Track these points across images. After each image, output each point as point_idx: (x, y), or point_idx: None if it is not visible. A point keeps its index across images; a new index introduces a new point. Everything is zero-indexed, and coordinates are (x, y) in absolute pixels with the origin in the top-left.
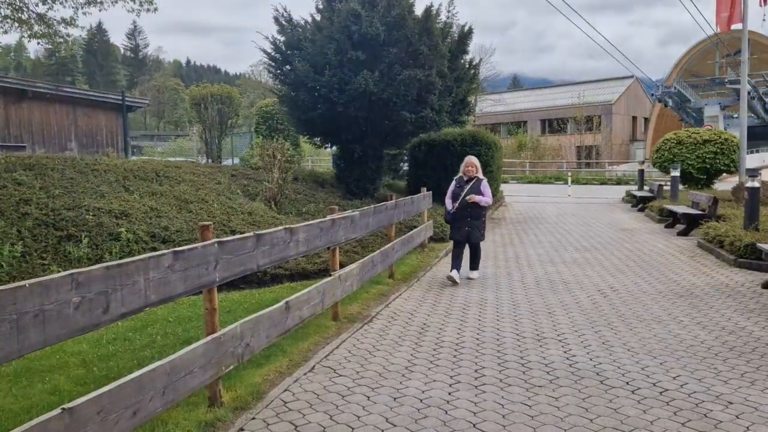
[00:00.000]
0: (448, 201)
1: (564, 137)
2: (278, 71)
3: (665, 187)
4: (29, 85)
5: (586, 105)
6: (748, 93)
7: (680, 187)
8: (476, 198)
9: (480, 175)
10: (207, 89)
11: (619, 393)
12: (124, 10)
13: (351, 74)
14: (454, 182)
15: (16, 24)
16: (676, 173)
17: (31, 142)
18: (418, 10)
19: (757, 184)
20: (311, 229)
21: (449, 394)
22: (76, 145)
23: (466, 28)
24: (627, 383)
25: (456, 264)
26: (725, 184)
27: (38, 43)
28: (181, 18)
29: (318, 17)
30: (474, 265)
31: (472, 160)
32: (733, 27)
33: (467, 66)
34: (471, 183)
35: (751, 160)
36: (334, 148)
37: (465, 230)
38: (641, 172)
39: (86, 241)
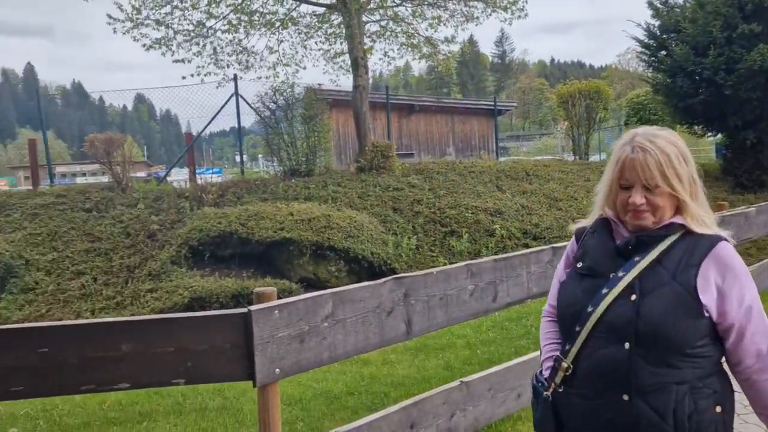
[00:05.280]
0: (545, 336)
1: None
2: (652, 58)
3: None
4: (416, 100)
5: None
6: None
7: None
8: None
9: (703, 214)
10: (574, 86)
11: None
12: (495, 21)
13: (742, 51)
14: (569, 251)
15: (410, 49)
16: None
17: (417, 150)
18: None
19: None
20: None
21: None
22: (453, 150)
23: None
24: None
25: None
26: None
27: (426, 62)
28: (544, 19)
29: None
30: None
31: (650, 155)
32: None
33: None
34: (653, 251)
35: None
36: (719, 136)
37: None
38: None
39: (466, 236)
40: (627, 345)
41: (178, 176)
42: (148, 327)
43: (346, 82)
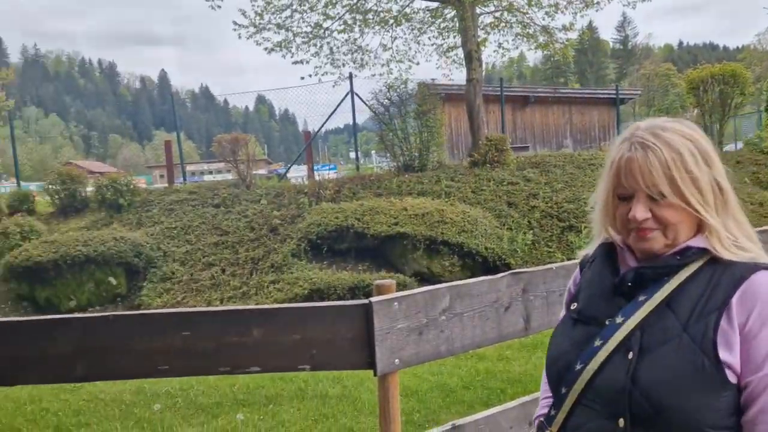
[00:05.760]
0: (542, 387)
1: None
2: None
3: None
4: (531, 92)
5: None
6: None
7: None
8: None
9: (738, 233)
10: (706, 70)
11: None
12: (617, 5)
13: None
14: (570, 285)
15: (525, 39)
16: None
17: (533, 143)
18: None
19: None
20: None
21: None
22: (571, 142)
23: None
24: None
25: None
26: None
27: (544, 52)
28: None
29: None
30: None
31: (653, 153)
32: None
33: None
34: (663, 289)
35: None
36: None
37: None
38: None
39: (585, 231)
40: (621, 422)
41: (297, 173)
42: (278, 315)
43: (458, 76)
